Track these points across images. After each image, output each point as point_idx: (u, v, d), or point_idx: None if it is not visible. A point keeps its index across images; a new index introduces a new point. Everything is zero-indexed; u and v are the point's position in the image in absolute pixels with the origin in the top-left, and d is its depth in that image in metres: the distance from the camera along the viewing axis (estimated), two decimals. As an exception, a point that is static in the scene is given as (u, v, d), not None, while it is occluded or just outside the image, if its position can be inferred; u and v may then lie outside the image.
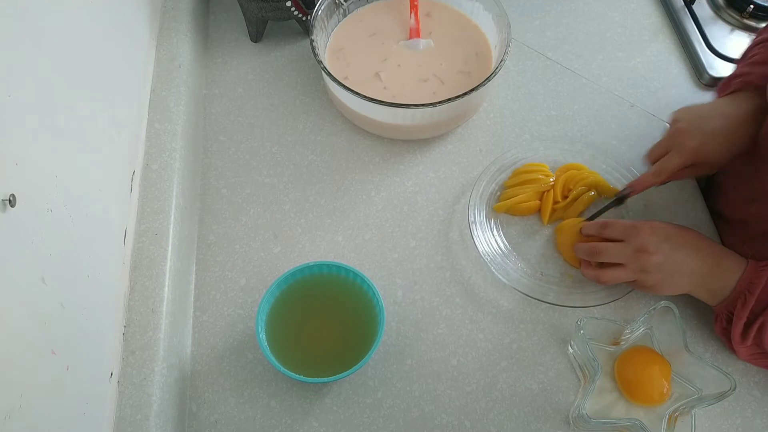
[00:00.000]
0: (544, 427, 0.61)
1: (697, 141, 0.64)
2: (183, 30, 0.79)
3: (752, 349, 0.59)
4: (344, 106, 0.76)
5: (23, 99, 0.44)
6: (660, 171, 0.66)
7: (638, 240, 0.61)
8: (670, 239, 0.61)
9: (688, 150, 0.64)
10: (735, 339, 0.59)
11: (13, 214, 0.41)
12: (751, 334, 0.58)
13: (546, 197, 0.72)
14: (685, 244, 0.61)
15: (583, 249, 0.66)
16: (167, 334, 0.60)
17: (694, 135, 0.64)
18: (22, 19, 0.46)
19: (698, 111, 0.66)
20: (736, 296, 0.58)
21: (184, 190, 0.70)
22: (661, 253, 0.60)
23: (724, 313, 0.60)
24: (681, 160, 0.64)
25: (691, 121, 0.65)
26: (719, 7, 0.91)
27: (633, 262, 0.61)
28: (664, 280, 0.61)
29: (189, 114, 0.75)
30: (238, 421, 0.61)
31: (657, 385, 0.59)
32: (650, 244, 0.61)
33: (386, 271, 0.70)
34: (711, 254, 0.61)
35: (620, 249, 0.62)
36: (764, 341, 0.57)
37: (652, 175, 0.67)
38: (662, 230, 0.62)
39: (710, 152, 0.64)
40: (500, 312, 0.67)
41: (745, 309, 0.57)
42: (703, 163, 0.65)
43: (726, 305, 0.60)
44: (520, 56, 0.87)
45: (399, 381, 0.63)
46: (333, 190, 0.75)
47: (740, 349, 0.60)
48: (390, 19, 0.84)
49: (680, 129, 0.65)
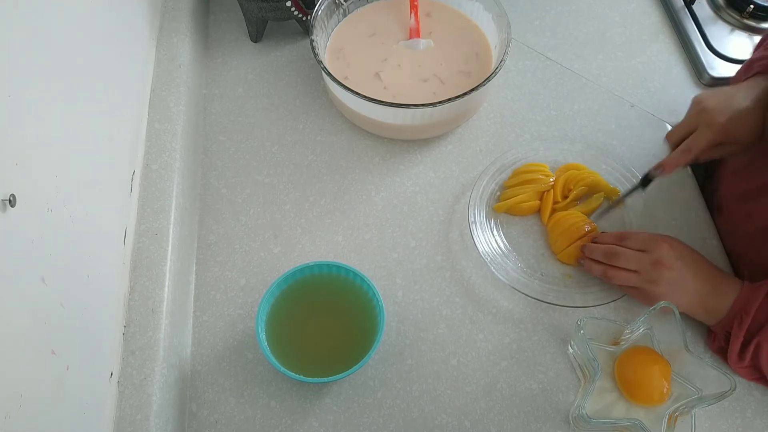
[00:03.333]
0: (544, 427, 0.61)
1: (725, 117, 0.62)
2: (183, 30, 0.79)
3: (751, 371, 0.60)
4: (344, 106, 0.76)
5: (23, 99, 0.44)
6: (690, 148, 0.64)
7: (658, 253, 0.62)
8: (684, 258, 0.63)
9: (718, 126, 0.62)
10: (732, 359, 0.60)
11: (13, 214, 0.41)
12: (748, 355, 0.59)
13: (546, 197, 0.72)
14: (693, 264, 0.63)
15: (600, 249, 0.66)
16: (167, 334, 0.60)
17: (722, 111, 0.63)
18: (23, 18, 0.46)
19: (723, 91, 0.65)
20: (733, 316, 0.60)
21: (184, 190, 0.70)
22: (676, 270, 0.62)
23: (721, 333, 0.61)
24: (711, 135, 0.63)
25: (718, 100, 0.64)
26: (719, 7, 0.91)
27: (647, 272, 0.62)
28: (668, 294, 0.62)
29: (189, 114, 0.75)
30: (238, 421, 0.61)
31: (657, 385, 0.59)
32: (669, 258, 0.62)
33: (386, 271, 0.70)
34: (710, 275, 0.63)
35: (639, 257, 0.63)
36: (761, 362, 0.58)
37: (681, 153, 0.65)
38: (678, 248, 0.63)
39: (739, 128, 0.62)
40: (500, 312, 0.67)
41: (741, 329, 0.58)
42: (732, 141, 0.63)
43: (722, 325, 0.61)
44: (520, 56, 0.87)
45: (399, 381, 0.63)
46: (333, 190, 0.75)
47: (739, 369, 0.61)
48: (390, 19, 0.84)
49: (706, 107, 0.64)
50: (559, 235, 0.69)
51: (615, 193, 0.72)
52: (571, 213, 0.70)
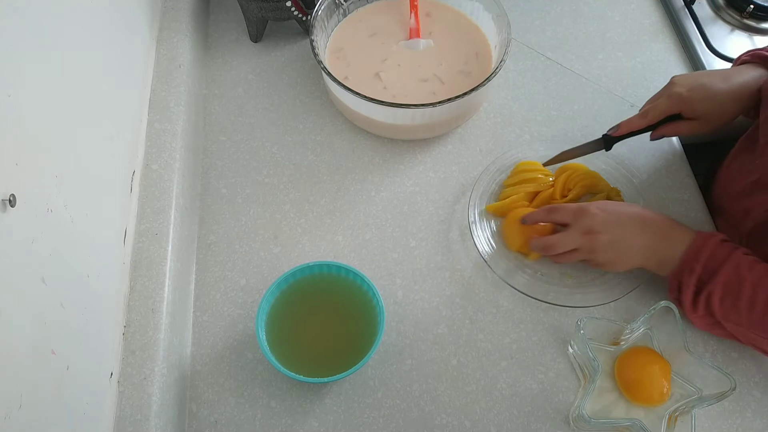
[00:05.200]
0: (544, 427, 0.61)
1: (686, 88, 0.65)
2: (183, 30, 0.79)
3: (706, 318, 0.60)
4: (344, 106, 0.76)
5: (23, 99, 0.44)
6: (646, 112, 0.67)
7: (585, 222, 0.63)
8: (616, 217, 0.63)
9: (677, 96, 0.65)
10: (686, 309, 0.60)
11: (13, 214, 0.41)
12: (701, 303, 0.59)
13: (541, 197, 0.72)
14: (631, 220, 0.63)
15: (538, 246, 0.66)
16: (167, 334, 0.60)
17: (686, 85, 0.65)
18: (23, 18, 0.46)
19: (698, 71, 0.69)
20: (684, 266, 0.59)
21: (184, 190, 0.70)
22: (608, 232, 0.62)
23: (674, 283, 0.61)
24: (668, 102, 0.66)
25: (688, 76, 0.67)
26: (719, 7, 0.91)
27: (584, 245, 0.63)
28: (615, 258, 0.62)
29: (189, 114, 0.75)
30: (238, 421, 0.61)
31: (657, 385, 0.59)
32: (596, 224, 0.62)
33: (386, 271, 0.70)
34: (659, 227, 0.62)
35: (570, 236, 0.64)
36: (714, 310, 0.58)
37: (638, 117, 0.68)
38: (608, 209, 0.63)
39: (701, 103, 0.64)
40: (500, 312, 0.67)
41: (692, 277, 0.58)
42: (692, 115, 0.65)
43: (675, 275, 0.61)
44: (520, 56, 0.87)
45: (399, 381, 0.63)
46: (333, 190, 0.75)
47: (694, 319, 0.61)
48: (390, 19, 0.84)
49: (675, 81, 0.67)
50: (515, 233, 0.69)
51: (615, 193, 0.72)
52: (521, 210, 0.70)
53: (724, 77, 0.66)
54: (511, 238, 0.69)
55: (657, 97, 0.69)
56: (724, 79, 0.65)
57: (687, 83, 0.66)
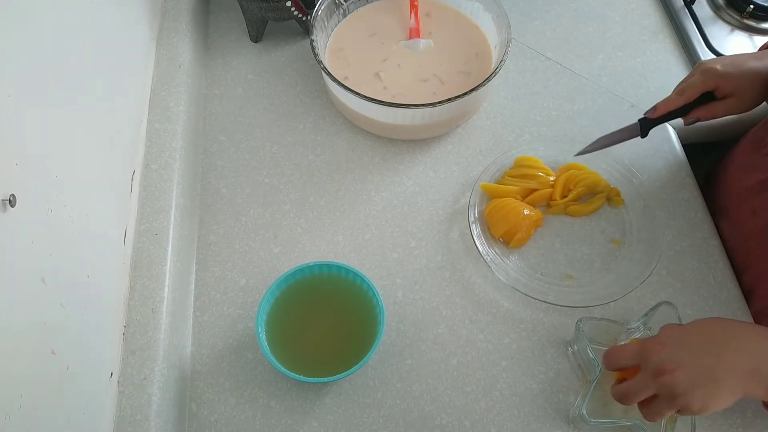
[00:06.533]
0: (544, 427, 0.61)
1: (720, 64, 0.63)
2: (183, 30, 0.79)
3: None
4: (344, 106, 0.76)
5: (23, 99, 0.44)
6: (683, 89, 0.65)
7: (652, 362, 0.51)
8: (685, 344, 0.51)
9: (711, 70, 0.63)
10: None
11: (13, 214, 0.41)
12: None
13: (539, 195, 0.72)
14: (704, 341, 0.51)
15: (616, 396, 0.55)
16: (167, 334, 0.60)
17: (721, 62, 0.64)
18: (23, 18, 0.46)
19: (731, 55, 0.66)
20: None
21: (184, 190, 0.70)
22: (684, 367, 0.50)
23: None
24: (703, 78, 0.63)
25: (722, 58, 0.65)
26: (719, 7, 0.91)
27: (660, 390, 0.51)
28: (706, 395, 0.49)
29: (189, 114, 0.75)
30: (238, 421, 0.61)
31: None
32: (666, 361, 0.50)
33: (386, 271, 0.70)
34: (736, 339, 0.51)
35: (642, 382, 0.52)
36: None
37: (675, 95, 0.65)
38: (672, 338, 0.52)
39: (737, 82, 0.63)
40: (500, 312, 0.67)
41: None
42: (727, 92, 0.63)
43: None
44: (520, 56, 0.87)
45: (399, 381, 0.63)
46: (333, 190, 0.75)
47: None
48: (390, 19, 0.84)
49: (707, 61, 0.65)
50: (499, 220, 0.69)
51: (615, 193, 0.72)
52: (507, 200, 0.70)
53: (755, 56, 0.64)
54: (495, 224, 0.69)
55: (689, 77, 0.66)
56: (757, 58, 0.64)
57: (719, 60, 0.64)
